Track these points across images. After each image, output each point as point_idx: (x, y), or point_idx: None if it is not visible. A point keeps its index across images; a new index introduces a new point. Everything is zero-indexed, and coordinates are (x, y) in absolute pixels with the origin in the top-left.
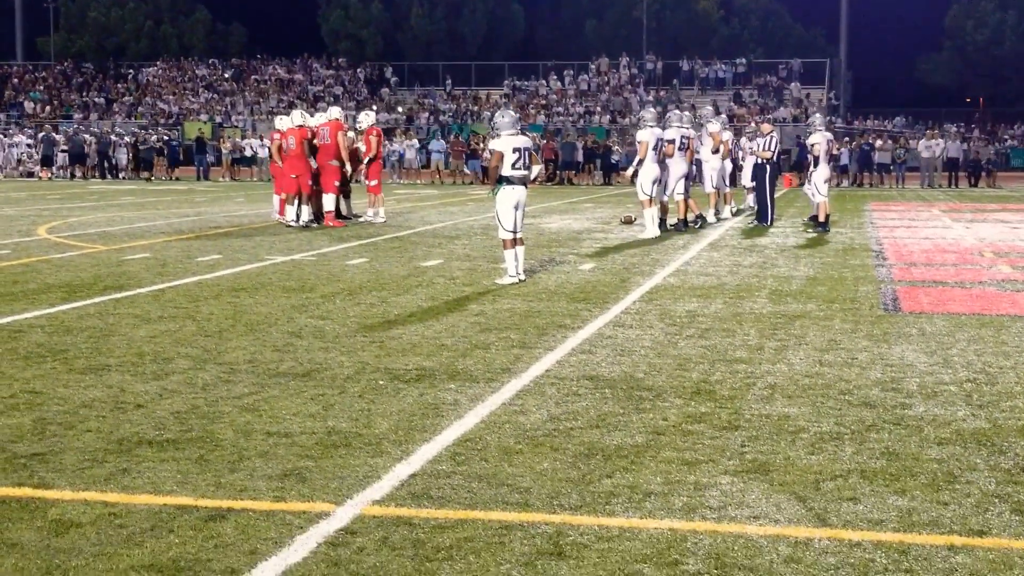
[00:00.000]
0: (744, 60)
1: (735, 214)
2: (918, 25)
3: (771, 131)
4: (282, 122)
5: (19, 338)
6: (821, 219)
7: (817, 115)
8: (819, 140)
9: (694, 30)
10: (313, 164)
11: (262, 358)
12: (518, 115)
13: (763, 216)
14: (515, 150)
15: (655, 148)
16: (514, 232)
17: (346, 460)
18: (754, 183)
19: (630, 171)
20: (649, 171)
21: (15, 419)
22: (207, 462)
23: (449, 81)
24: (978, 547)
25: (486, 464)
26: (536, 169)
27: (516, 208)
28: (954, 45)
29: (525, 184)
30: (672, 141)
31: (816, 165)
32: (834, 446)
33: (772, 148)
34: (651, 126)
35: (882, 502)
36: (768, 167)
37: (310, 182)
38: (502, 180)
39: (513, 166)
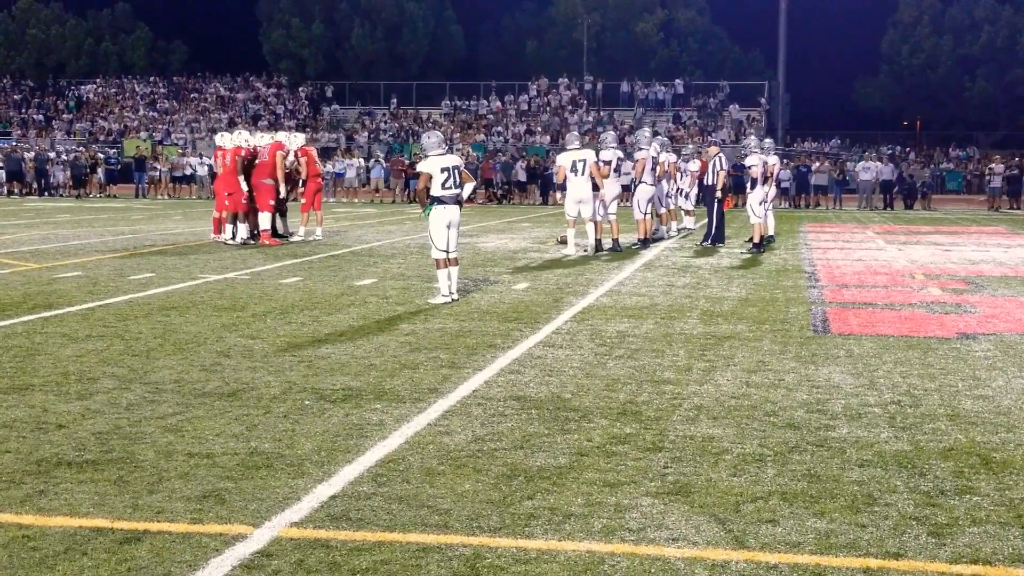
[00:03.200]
0: (682, 81)
1: (672, 235)
2: (855, 49)
3: (717, 153)
4: (223, 139)
5: None
6: (756, 240)
7: (752, 137)
8: (755, 162)
9: (634, 51)
10: (243, 183)
11: (188, 378)
12: (444, 136)
13: (707, 235)
14: (443, 170)
15: (572, 170)
16: (447, 251)
17: (267, 481)
18: (704, 203)
19: (558, 195)
20: (571, 192)
21: None
22: (126, 483)
23: (395, 100)
24: (893, 569)
25: (407, 485)
26: (469, 187)
27: (449, 227)
28: (891, 69)
29: (458, 203)
30: (608, 162)
31: (752, 187)
32: (756, 468)
33: (724, 168)
34: (569, 149)
35: (801, 524)
36: (714, 189)
37: (243, 200)
38: (434, 200)
39: (443, 186)
